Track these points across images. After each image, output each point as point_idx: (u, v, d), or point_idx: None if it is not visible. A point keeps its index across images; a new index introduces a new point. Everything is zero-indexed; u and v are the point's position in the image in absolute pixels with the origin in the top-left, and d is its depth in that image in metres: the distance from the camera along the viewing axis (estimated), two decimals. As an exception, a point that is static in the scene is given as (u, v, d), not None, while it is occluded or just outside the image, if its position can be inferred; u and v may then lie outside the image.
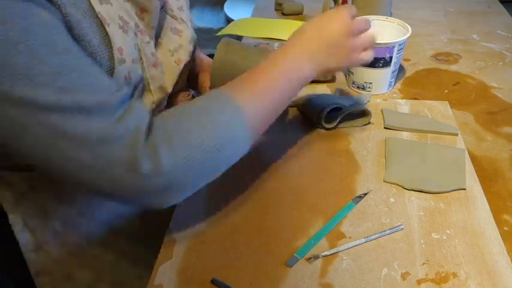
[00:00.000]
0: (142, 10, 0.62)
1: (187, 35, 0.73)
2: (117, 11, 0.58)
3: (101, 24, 0.55)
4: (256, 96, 0.59)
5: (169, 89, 0.70)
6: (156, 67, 0.65)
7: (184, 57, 0.72)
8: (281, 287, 0.58)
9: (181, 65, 0.71)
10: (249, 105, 0.57)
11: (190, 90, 0.80)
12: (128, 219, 0.77)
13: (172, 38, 0.71)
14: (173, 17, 0.71)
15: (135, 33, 0.61)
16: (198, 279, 0.59)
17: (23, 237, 0.72)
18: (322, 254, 0.61)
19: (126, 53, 0.58)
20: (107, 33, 0.55)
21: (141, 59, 0.63)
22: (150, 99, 0.66)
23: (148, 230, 0.78)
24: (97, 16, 0.55)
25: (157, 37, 0.68)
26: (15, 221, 0.71)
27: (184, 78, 0.80)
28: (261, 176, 0.74)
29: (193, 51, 0.76)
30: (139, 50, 0.62)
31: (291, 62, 0.62)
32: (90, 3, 0.54)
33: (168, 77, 0.69)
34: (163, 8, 0.70)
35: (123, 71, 0.57)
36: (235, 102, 0.56)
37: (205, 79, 0.84)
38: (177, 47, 0.71)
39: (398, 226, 0.64)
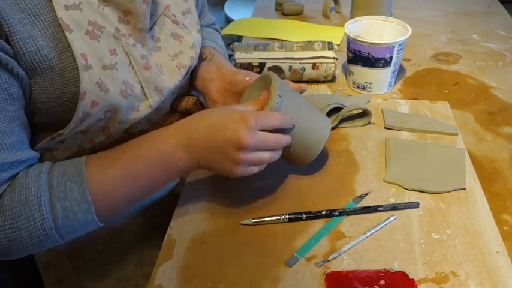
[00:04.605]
0: (125, 13, 0.61)
1: (189, 40, 0.72)
2: (88, 16, 0.57)
3: (60, 29, 0.55)
4: (114, 184, 0.58)
5: (169, 91, 0.70)
6: (148, 69, 0.64)
7: (185, 62, 0.71)
8: (281, 286, 0.58)
9: (183, 70, 0.70)
10: (101, 193, 0.57)
11: (195, 94, 0.79)
12: (131, 217, 0.77)
13: (173, 44, 0.70)
14: (174, 22, 0.70)
15: (115, 37, 0.60)
16: (198, 279, 0.59)
17: None
18: (329, 258, 0.60)
19: (91, 59, 0.57)
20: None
21: (130, 63, 0.62)
22: (147, 103, 0.66)
23: (152, 229, 0.79)
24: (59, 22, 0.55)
25: (156, 41, 0.68)
26: None
27: (188, 82, 0.79)
28: (261, 175, 0.74)
29: (198, 56, 0.75)
30: (126, 53, 0.62)
31: (170, 152, 0.59)
32: (53, 10, 0.54)
33: (169, 80, 0.69)
34: (164, 13, 0.69)
35: (91, 78, 0.57)
36: (87, 192, 0.55)
37: (216, 88, 0.77)
38: (177, 53, 0.70)
39: (391, 217, 0.65)
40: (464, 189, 0.70)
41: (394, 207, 0.67)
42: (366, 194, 0.70)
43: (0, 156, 0.53)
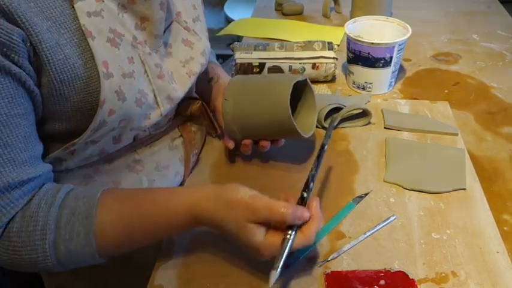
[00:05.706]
0: (142, 19, 0.61)
1: (199, 47, 0.72)
2: (109, 23, 0.57)
3: (84, 38, 0.54)
4: (122, 235, 0.57)
5: (179, 99, 0.70)
6: (161, 78, 0.64)
7: (195, 69, 0.71)
8: (281, 287, 0.58)
9: (193, 77, 0.71)
10: (106, 240, 0.56)
11: (198, 98, 0.79)
12: None
13: (184, 50, 0.70)
14: (186, 28, 0.70)
15: (132, 45, 0.60)
16: (198, 279, 0.59)
17: None
18: (329, 258, 0.61)
19: (112, 67, 0.57)
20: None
21: (145, 71, 0.62)
22: (158, 112, 0.66)
23: None
24: (81, 29, 0.54)
25: (168, 48, 0.68)
26: None
27: (194, 88, 0.79)
28: (262, 175, 0.74)
29: (204, 74, 0.76)
30: (142, 62, 0.61)
31: (188, 223, 0.57)
32: (77, 17, 0.54)
33: (180, 87, 0.69)
34: (176, 19, 0.69)
35: (111, 86, 0.56)
36: (92, 237, 0.54)
37: (215, 96, 0.81)
38: (188, 59, 0.70)
39: (391, 217, 0.66)
40: (464, 189, 0.70)
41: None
42: (366, 194, 0.70)
43: (13, 174, 0.52)
